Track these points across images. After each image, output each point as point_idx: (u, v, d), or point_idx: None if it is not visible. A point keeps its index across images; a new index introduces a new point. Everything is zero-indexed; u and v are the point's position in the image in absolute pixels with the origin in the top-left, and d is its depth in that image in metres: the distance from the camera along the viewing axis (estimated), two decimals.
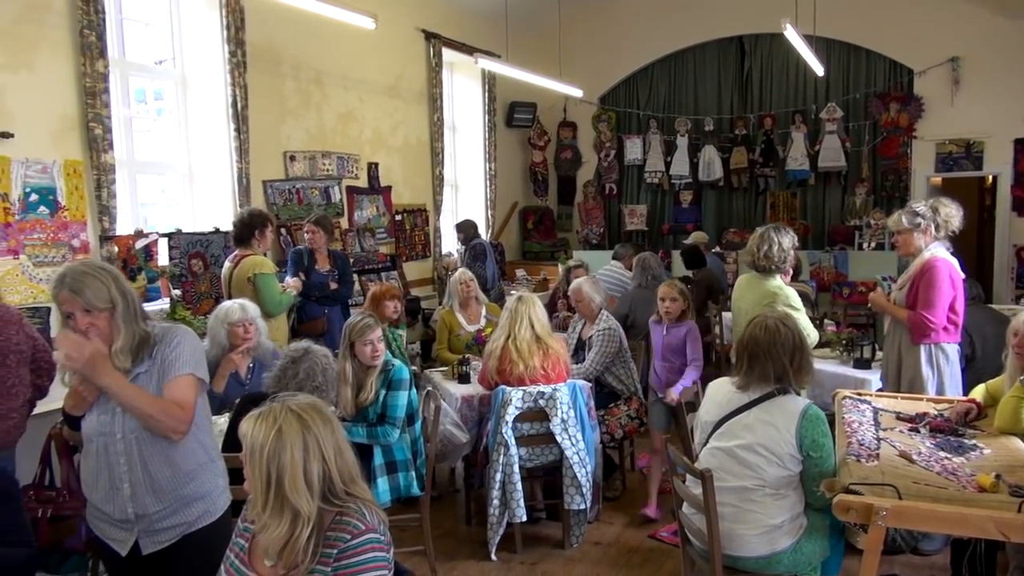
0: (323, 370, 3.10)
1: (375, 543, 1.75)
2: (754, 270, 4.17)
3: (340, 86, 7.00)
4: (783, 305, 3.80)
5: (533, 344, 3.95)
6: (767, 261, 4.04)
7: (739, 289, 4.31)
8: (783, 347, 2.75)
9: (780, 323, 2.80)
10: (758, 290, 4.06)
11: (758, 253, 4.07)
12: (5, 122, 4.42)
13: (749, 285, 4.20)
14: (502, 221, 9.93)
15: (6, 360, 2.98)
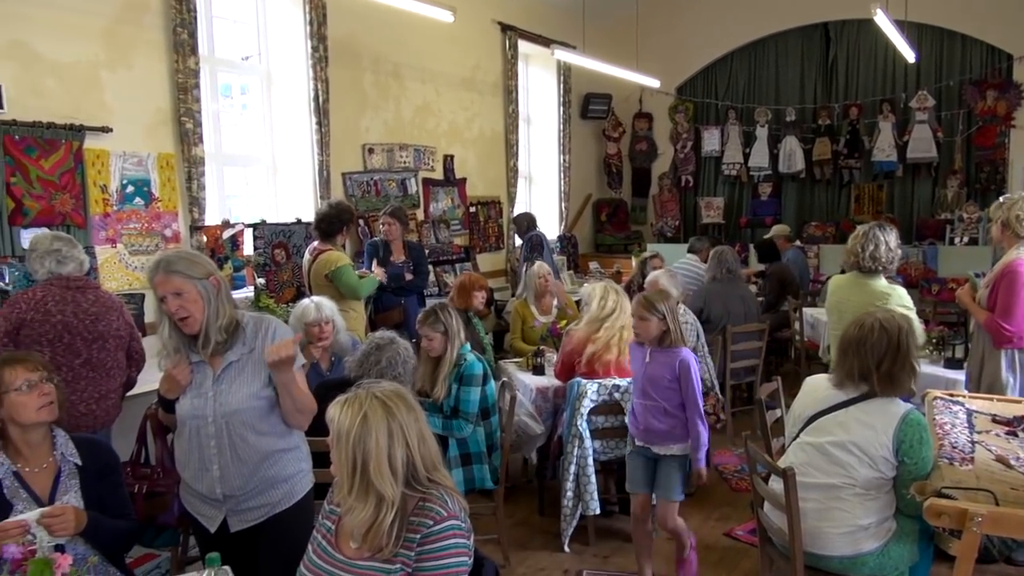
0: (403, 361, 3.15)
1: (457, 530, 1.78)
2: (857, 270, 3.89)
3: (417, 79, 7.09)
4: (896, 306, 3.55)
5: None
6: (873, 262, 3.76)
7: (841, 290, 3.99)
8: (873, 348, 2.63)
9: (881, 324, 2.66)
10: (866, 291, 3.79)
11: (863, 253, 3.78)
12: (105, 117, 4.64)
13: (854, 286, 3.90)
14: (575, 213, 9.89)
15: (106, 344, 3.14)
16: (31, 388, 2.16)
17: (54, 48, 4.39)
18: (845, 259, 4.01)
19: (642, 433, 3.38)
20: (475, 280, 4.93)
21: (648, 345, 3.34)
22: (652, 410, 3.31)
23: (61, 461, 2.24)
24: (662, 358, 3.31)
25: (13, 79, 4.21)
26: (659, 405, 3.30)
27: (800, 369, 6.38)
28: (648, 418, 3.33)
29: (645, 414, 3.35)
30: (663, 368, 3.30)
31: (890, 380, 2.64)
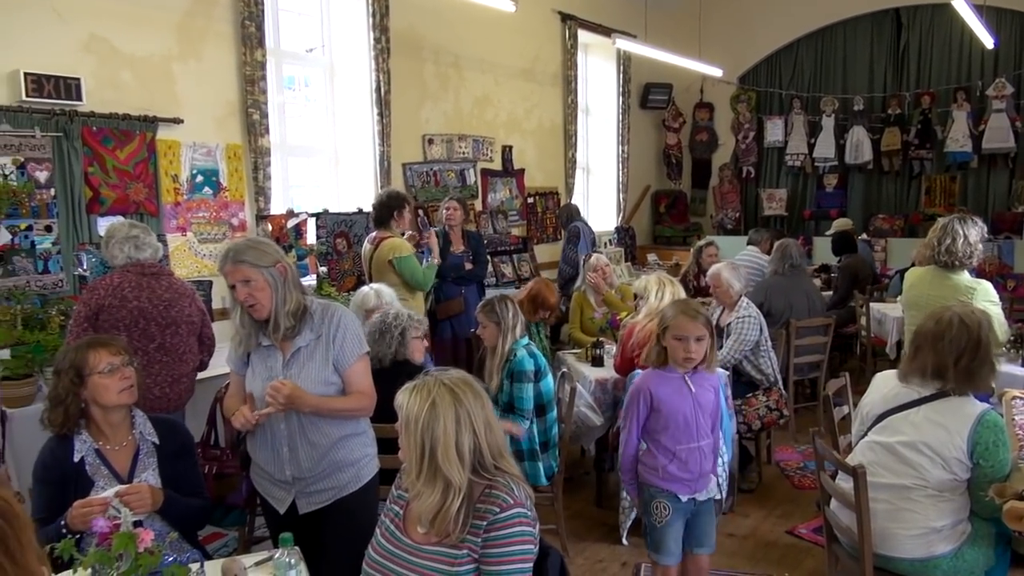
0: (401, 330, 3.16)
1: (523, 517, 1.78)
2: (933, 264, 3.72)
3: (477, 70, 7.10)
4: (983, 302, 3.39)
5: None
6: (949, 256, 3.59)
7: (922, 284, 3.80)
8: (951, 344, 2.53)
9: (960, 319, 2.56)
10: (948, 285, 3.62)
11: (939, 247, 3.61)
12: (176, 109, 4.78)
13: (934, 280, 3.71)
14: (634, 205, 9.79)
15: (179, 329, 3.24)
16: (113, 371, 2.24)
17: (130, 42, 4.53)
18: (920, 252, 3.85)
19: (697, 482, 2.80)
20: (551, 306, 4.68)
21: (686, 370, 2.77)
22: (707, 450, 2.80)
23: (140, 440, 2.32)
24: (705, 381, 2.82)
25: (92, 72, 4.37)
26: (712, 441, 2.83)
27: (866, 366, 6.21)
28: (702, 461, 2.79)
29: (700, 458, 2.78)
30: (708, 392, 2.82)
31: (968, 377, 2.54)
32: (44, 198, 4.20)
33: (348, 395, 2.30)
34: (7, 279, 4.03)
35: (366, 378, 2.34)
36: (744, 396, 4.43)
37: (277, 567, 1.79)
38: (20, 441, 3.28)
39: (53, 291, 4.18)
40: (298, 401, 2.17)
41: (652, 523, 2.84)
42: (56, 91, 4.17)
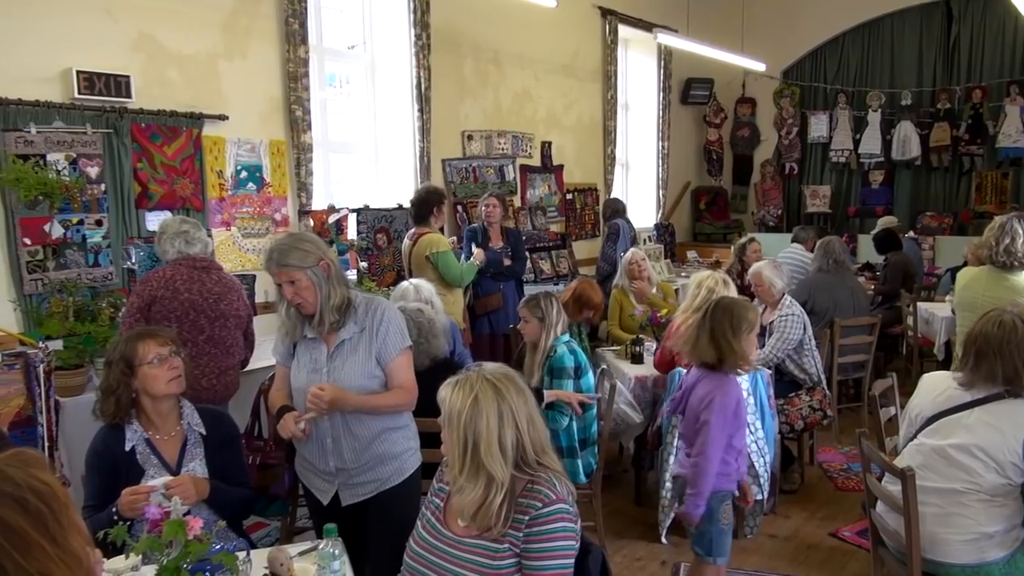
0: (416, 325, 3.13)
1: (564, 513, 1.78)
2: (990, 264, 3.61)
3: (517, 65, 7.10)
4: None
5: None
6: (1008, 256, 3.48)
7: (975, 285, 3.69)
8: (1019, 347, 2.46)
9: (1020, 320, 2.50)
10: (1006, 286, 3.50)
11: (997, 247, 3.50)
12: (222, 105, 4.86)
13: (990, 281, 3.60)
14: (673, 201, 9.70)
15: (227, 323, 3.30)
16: (161, 362, 2.29)
17: (177, 40, 4.62)
18: (974, 252, 3.73)
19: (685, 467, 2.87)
20: (595, 306, 4.49)
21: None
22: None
23: (188, 430, 2.37)
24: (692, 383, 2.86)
25: (140, 70, 4.45)
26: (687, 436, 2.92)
27: (912, 367, 6.07)
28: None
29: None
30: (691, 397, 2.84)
31: None
32: (95, 193, 4.30)
33: (389, 391, 2.32)
34: (60, 272, 4.14)
35: (408, 372, 2.36)
36: (786, 395, 4.37)
37: (321, 557, 1.81)
38: (72, 430, 3.37)
39: (103, 284, 4.29)
40: (340, 403, 2.20)
41: (719, 528, 2.79)
42: (107, 89, 4.27)
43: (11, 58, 3.95)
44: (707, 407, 2.68)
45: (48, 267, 4.10)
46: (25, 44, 4.01)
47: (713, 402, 2.68)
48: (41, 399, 3.09)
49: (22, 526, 1.10)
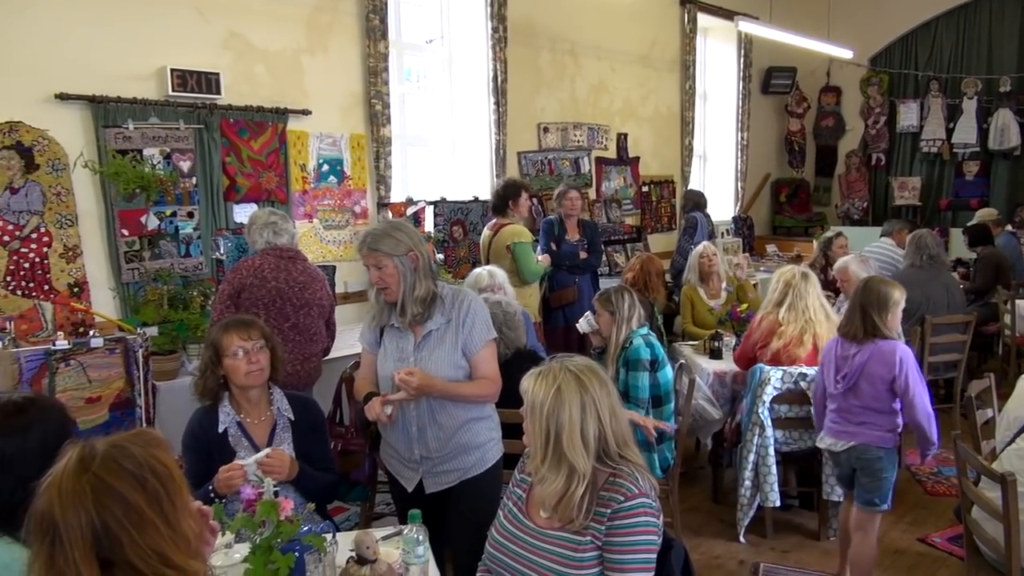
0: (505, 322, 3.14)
1: (647, 508, 1.76)
2: None
3: (593, 56, 7.04)
4: None
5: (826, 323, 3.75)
6: None
7: None
8: None
9: None
10: None
11: None
12: (305, 100, 4.99)
13: None
14: (752, 194, 9.46)
15: (311, 311, 3.39)
16: (243, 355, 2.37)
17: (264, 38, 4.76)
18: None
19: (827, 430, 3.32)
20: (651, 262, 4.83)
21: None
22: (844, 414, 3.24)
23: (277, 415, 2.45)
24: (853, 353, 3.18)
25: (229, 67, 4.61)
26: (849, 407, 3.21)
27: (1008, 367, 5.76)
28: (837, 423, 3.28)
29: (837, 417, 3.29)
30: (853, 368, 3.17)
31: None
32: (187, 186, 4.48)
33: (474, 380, 2.35)
34: (154, 262, 4.33)
35: (492, 364, 2.38)
36: None
37: (406, 542, 1.85)
38: (166, 413, 3.53)
39: (194, 273, 4.47)
40: (427, 388, 2.24)
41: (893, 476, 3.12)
42: (198, 86, 4.43)
43: (112, 58, 4.15)
44: (901, 369, 2.98)
45: (144, 257, 4.30)
46: (125, 45, 4.20)
47: (904, 362, 2.99)
48: (140, 382, 3.25)
49: (139, 503, 1.15)
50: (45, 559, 1.11)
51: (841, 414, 3.15)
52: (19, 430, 1.49)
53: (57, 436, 1.50)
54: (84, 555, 1.10)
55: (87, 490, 1.12)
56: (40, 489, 1.15)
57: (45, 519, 1.12)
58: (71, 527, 1.10)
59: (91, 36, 4.08)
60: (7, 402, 1.51)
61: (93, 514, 1.11)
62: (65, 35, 3.99)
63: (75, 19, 4.02)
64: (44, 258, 4.01)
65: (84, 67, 4.05)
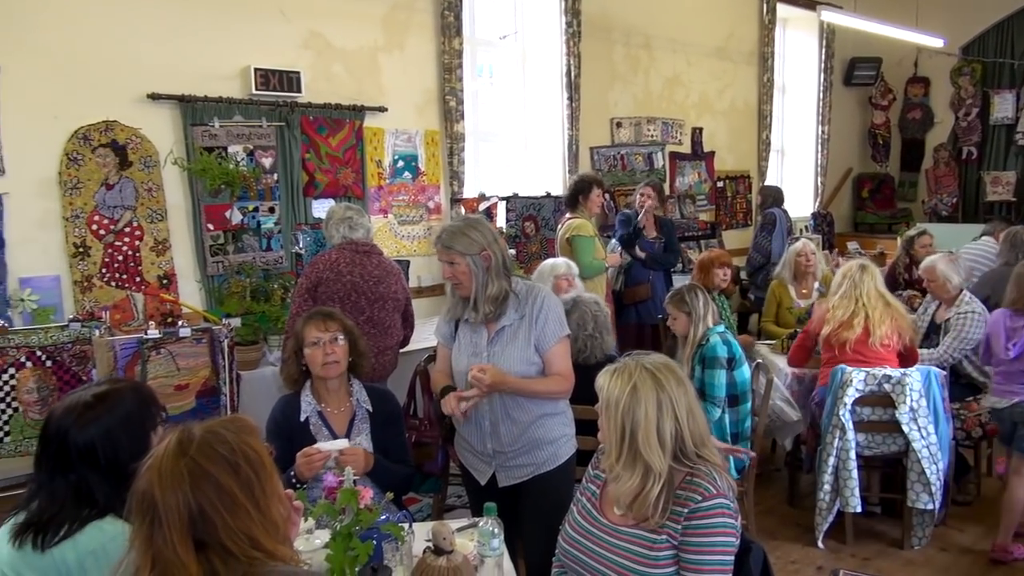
0: (593, 317, 3.13)
1: (725, 509, 1.73)
2: None
3: (668, 50, 6.93)
4: None
5: (883, 309, 3.65)
6: None
7: None
8: None
9: None
10: None
11: None
12: (381, 97, 5.07)
13: None
14: (832, 189, 9.16)
15: (385, 305, 3.45)
16: (320, 345, 2.44)
17: (342, 36, 4.86)
18: None
19: None
20: (715, 256, 4.71)
21: None
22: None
23: (356, 406, 2.51)
24: None
25: (309, 66, 4.73)
26: None
27: None
28: None
29: None
30: None
31: None
32: (268, 182, 4.62)
33: (547, 377, 2.35)
34: (238, 255, 4.49)
35: (565, 360, 2.37)
36: (963, 399, 4.04)
37: (481, 534, 1.86)
38: (247, 401, 3.65)
39: (275, 267, 4.61)
40: (500, 385, 2.25)
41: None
42: (280, 84, 4.56)
43: (199, 59, 4.31)
44: None
45: (228, 251, 4.46)
46: (211, 46, 4.36)
47: None
48: (225, 371, 3.37)
49: (232, 487, 1.20)
50: (145, 536, 1.18)
51: (1007, 376, 3.52)
52: (97, 419, 1.58)
53: (140, 419, 1.60)
54: (180, 535, 1.16)
55: (184, 473, 1.18)
56: (141, 470, 1.22)
57: (145, 499, 1.18)
58: (169, 508, 1.16)
59: (180, 38, 4.25)
60: (77, 402, 1.61)
61: (190, 496, 1.17)
62: (156, 37, 4.17)
63: (166, 22, 4.20)
64: (136, 251, 4.20)
65: (174, 68, 4.22)
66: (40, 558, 1.49)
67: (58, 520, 1.51)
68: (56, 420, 1.59)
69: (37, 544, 1.49)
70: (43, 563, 1.49)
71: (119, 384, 1.70)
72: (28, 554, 1.49)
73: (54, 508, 1.53)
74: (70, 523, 1.51)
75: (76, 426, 1.56)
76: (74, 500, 1.53)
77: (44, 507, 1.54)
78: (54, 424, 1.59)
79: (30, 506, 1.56)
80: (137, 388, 1.72)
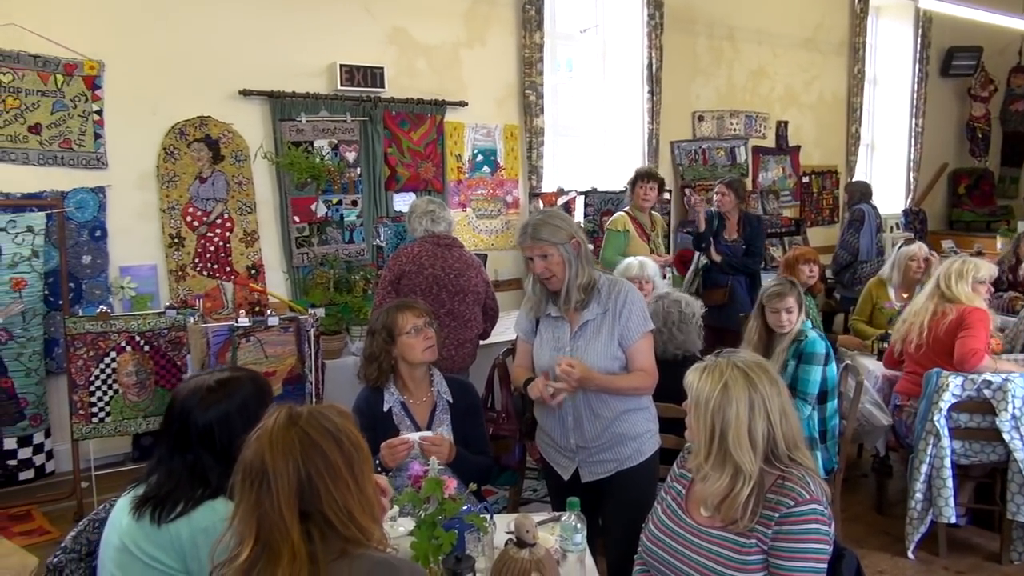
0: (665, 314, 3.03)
1: (818, 515, 1.66)
2: None
3: (753, 41, 6.75)
4: None
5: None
6: None
7: None
8: None
9: None
10: None
11: None
12: (462, 92, 5.11)
13: None
14: (927, 185, 8.75)
15: (465, 298, 3.47)
16: (418, 332, 2.47)
17: (425, 32, 4.92)
18: None
19: None
20: (802, 253, 4.53)
21: None
22: None
23: (437, 397, 2.53)
24: None
25: (393, 62, 4.81)
26: None
27: None
28: None
29: None
30: None
31: None
32: (351, 176, 4.72)
33: (631, 373, 2.32)
34: (322, 247, 4.61)
35: (649, 356, 2.33)
36: None
37: (564, 529, 1.85)
38: (331, 389, 3.74)
39: (357, 259, 4.71)
40: (587, 381, 2.24)
41: None
42: (364, 80, 4.66)
43: (288, 56, 4.44)
44: None
45: (313, 243, 4.58)
46: (299, 43, 4.48)
47: None
48: (311, 359, 3.46)
49: (336, 460, 1.26)
50: (252, 502, 1.23)
51: None
52: (217, 403, 1.65)
53: (256, 403, 1.66)
54: (288, 500, 1.21)
55: (295, 441, 1.25)
56: (248, 442, 1.28)
57: (255, 466, 1.24)
58: (279, 473, 1.22)
59: (271, 36, 4.38)
60: (201, 385, 1.69)
61: (300, 462, 1.23)
62: (249, 36, 4.31)
63: (258, 21, 4.33)
64: (227, 242, 4.36)
65: (264, 65, 4.36)
66: (156, 532, 1.57)
67: (174, 497, 1.59)
68: (181, 400, 1.67)
69: (154, 518, 1.57)
70: (159, 536, 1.57)
71: (239, 372, 1.77)
72: (145, 526, 1.58)
73: (170, 484, 1.61)
74: (185, 501, 1.59)
75: (199, 408, 1.64)
76: (189, 479, 1.61)
77: (162, 482, 1.62)
78: (178, 404, 1.67)
79: (149, 480, 1.65)
80: (255, 378, 1.79)
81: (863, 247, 6.11)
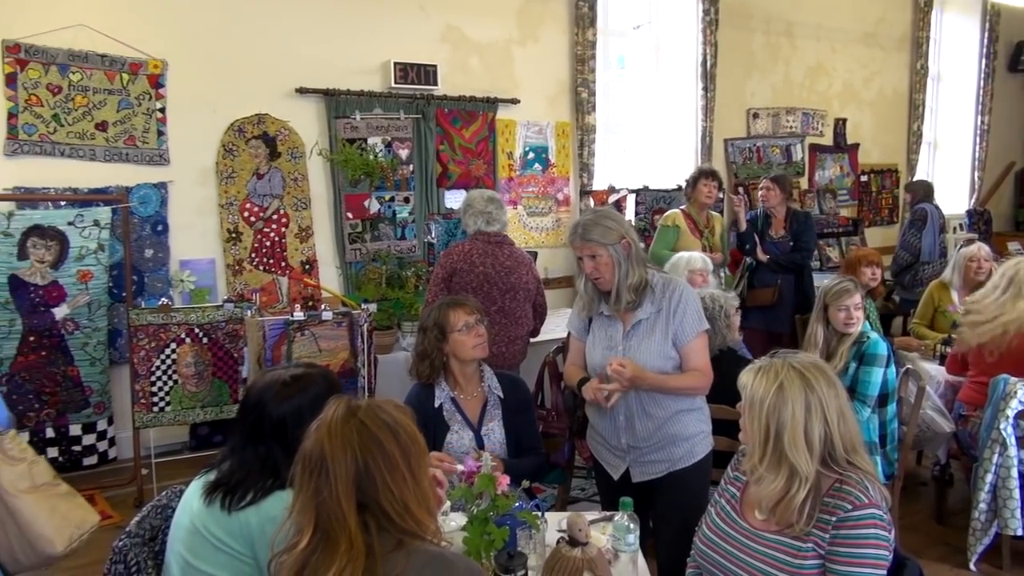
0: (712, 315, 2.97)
1: (877, 520, 1.62)
2: None
3: (811, 37, 6.61)
4: None
5: None
6: None
7: None
8: None
9: None
10: None
11: None
12: (514, 90, 5.12)
13: None
14: (992, 184, 8.45)
15: (516, 295, 3.48)
16: (469, 329, 2.48)
17: (478, 29, 4.94)
18: None
19: None
20: (865, 254, 4.40)
21: None
22: None
23: (488, 393, 2.54)
24: None
25: (446, 59, 4.83)
26: None
27: None
28: None
29: None
30: None
31: None
32: (404, 173, 4.77)
33: (685, 372, 2.29)
34: (374, 243, 4.66)
35: (703, 356, 2.30)
36: None
37: (616, 528, 1.84)
38: (382, 384, 3.79)
39: (408, 255, 4.75)
40: (639, 380, 2.22)
41: None
42: (417, 78, 4.69)
43: (343, 54, 4.50)
44: None
45: (365, 239, 4.64)
46: (354, 41, 4.54)
47: None
48: (363, 354, 3.51)
49: (394, 452, 1.28)
50: (312, 492, 1.26)
51: None
52: (290, 397, 1.71)
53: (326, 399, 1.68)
54: (346, 490, 1.24)
55: (354, 432, 1.27)
56: (308, 432, 1.31)
57: (315, 456, 1.27)
58: (338, 463, 1.24)
59: (325, 34, 4.45)
60: (276, 379, 1.74)
61: (358, 453, 1.26)
62: (305, 35, 4.39)
63: (314, 20, 4.41)
64: (282, 237, 4.44)
65: (320, 63, 4.43)
66: (227, 518, 1.62)
67: (245, 486, 1.64)
68: (257, 393, 1.73)
69: (224, 505, 1.63)
70: (228, 522, 1.62)
71: (313, 369, 1.82)
72: (216, 512, 1.63)
73: (242, 473, 1.66)
74: (255, 491, 1.64)
75: (273, 401, 1.69)
76: (260, 469, 1.66)
77: (234, 470, 1.68)
78: (255, 396, 1.72)
79: (221, 466, 1.71)
80: (327, 375, 1.83)
81: (925, 248, 5.92)
